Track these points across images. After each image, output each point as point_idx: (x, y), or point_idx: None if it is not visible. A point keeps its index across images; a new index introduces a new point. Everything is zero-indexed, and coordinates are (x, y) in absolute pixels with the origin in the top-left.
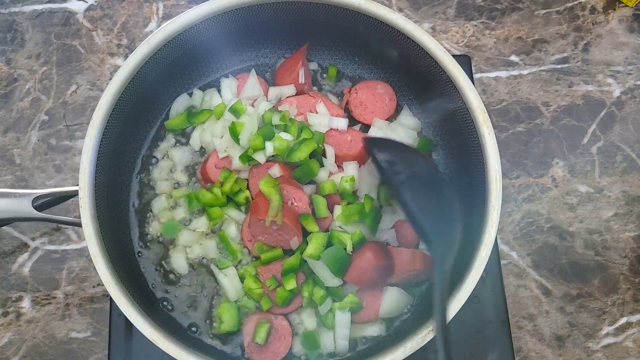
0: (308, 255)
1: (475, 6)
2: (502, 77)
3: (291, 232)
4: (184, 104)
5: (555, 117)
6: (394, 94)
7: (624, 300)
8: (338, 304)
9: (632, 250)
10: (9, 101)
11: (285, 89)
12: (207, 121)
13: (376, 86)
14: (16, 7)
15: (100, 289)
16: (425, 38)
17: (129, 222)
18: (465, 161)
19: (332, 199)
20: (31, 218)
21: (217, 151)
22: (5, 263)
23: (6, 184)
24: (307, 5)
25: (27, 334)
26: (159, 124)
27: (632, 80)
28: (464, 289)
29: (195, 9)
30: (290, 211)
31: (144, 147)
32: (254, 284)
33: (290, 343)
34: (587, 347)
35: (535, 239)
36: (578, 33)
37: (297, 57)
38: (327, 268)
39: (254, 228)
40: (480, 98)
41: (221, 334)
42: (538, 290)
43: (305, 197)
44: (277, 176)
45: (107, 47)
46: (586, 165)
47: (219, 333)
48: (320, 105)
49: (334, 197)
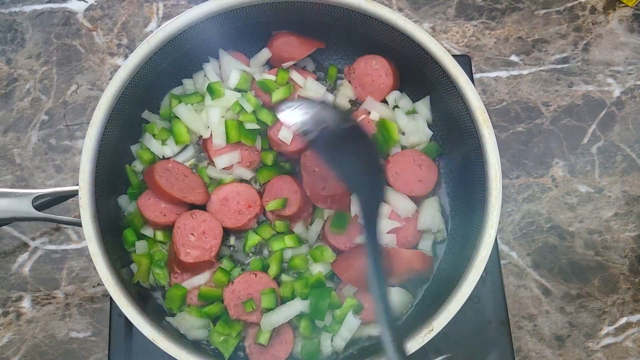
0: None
1: (475, 6)
2: (502, 77)
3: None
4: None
5: (555, 117)
6: (390, 68)
7: (624, 300)
8: (339, 311)
9: (632, 250)
10: (9, 101)
11: (263, 53)
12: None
13: (371, 62)
14: (16, 7)
15: (100, 289)
16: (425, 38)
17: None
18: (465, 161)
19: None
20: (31, 218)
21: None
22: (5, 263)
23: (6, 183)
24: (307, 5)
25: (27, 334)
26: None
27: (632, 80)
28: (464, 289)
29: (195, 9)
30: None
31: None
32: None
33: (291, 348)
34: (587, 347)
35: (535, 239)
36: (578, 33)
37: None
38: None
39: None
40: (480, 98)
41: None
42: (538, 290)
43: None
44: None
45: (107, 47)
46: (586, 165)
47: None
48: (309, 80)
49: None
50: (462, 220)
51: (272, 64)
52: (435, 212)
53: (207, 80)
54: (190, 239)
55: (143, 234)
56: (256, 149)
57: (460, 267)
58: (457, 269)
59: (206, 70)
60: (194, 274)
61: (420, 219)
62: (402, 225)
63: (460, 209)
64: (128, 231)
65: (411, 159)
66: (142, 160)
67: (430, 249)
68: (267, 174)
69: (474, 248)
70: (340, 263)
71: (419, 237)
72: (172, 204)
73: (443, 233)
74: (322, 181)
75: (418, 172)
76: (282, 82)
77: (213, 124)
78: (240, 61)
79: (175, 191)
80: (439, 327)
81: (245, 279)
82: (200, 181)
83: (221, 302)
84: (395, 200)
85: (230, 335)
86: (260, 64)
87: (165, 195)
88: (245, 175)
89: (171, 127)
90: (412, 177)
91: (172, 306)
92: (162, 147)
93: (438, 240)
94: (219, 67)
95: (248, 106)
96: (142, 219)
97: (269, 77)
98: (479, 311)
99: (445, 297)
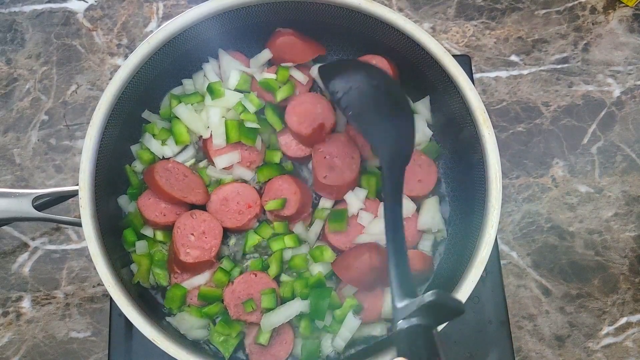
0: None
1: (475, 6)
2: (502, 77)
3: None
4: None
5: (555, 117)
6: (390, 68)
7: (624, 300)
8: (339, 311)
9: (632, 250)
10: (9, 101)
11: (263, 54)
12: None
13: (371, 62)
14: (16, 7)
15: (100, 289)
16: (425, 38)
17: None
18: (465, 161)
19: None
20: (31, 218)
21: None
22: (5, 263)
23: (6, 183)
24: (307, 5)
25: (27, 334)
26: None
27: (632, 80)
28: (464, 289)
29: (195, 9)
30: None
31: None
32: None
33: (291, 348)
34: (587, 347)
35: (535, 239)
36: (578, 33)
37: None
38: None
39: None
40: (480, 98)
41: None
42: (538, 290)
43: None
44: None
45: (107, 47)
46: (586, 165)
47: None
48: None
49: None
50: (462, 220)
51: (271, 62)
52: (435, 212)
53: (207, 80)
54: (190, 239)
55: (143, 234)
56: (256, 149)
57: (460, 267)
58: (457, 269)
59: (206, 71)
60: (194, 274)
61: (420, 219)
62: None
63: (460, 209)
64: (128, 231)
65: (411, 159)
66: (142, 160)
67: (430, 249)
68: (267, 174)
69: (474, 248)
70: (340, 263)
71: (419, 237)
72: (172, 204)
73: (443, 233)
74: (327, 169)
75: (418, 172)
76: (283, 79)
77: (213, 124)
78: (240, 61)
79: (175, 191)
80: (439, 327)
81: (245, 279)
82: (200, 181)
83: (221, 302)
84: None
85: (230, 335)
86: (260, 65)
87: (165, 195)
88: (245, 175)
89: (171, 127)
90: (412, 177)
91: (172, 306)
92: (162, 147)
93: (438, 240)
94: (219, 67)
95: (251, 107)
96: (142, 219)
97: (270, 76)
98: (479, 311)
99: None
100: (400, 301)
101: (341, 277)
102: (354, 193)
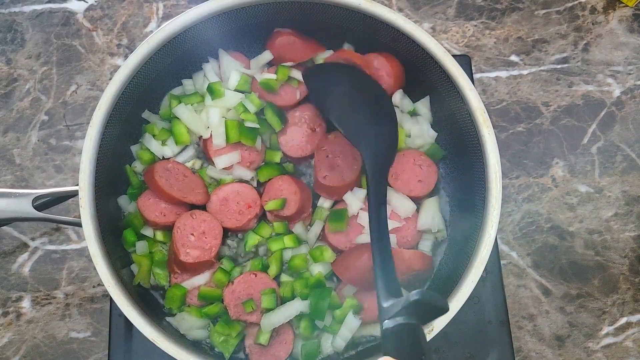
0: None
1: (475, 6)
2: (502, 77)
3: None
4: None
5: (555, 117)
6: (392, 67)
7: (624, 300)
8: (339, 311)
9: (632, 250)
10: (9, 101)
11: (264, 55)
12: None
13: (373, 62)
14: (16, 7)
15: (100, 289)
16: (425, 38)
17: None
18: (465, 161)
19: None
20: (31, 218)
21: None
22: (5, 263)
23: (6, 184)
24: (307, 5)
25: (27, 334)
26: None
27: (632, 80)
28: (464, 289)
29: (195, 9)
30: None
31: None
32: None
33: (291, 349)
34: (587, 347)
35: (535, 239)
36: (578, 33)
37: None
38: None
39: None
40: (480, 98)
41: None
42: (538, 290)
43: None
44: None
45: (107, 47)
46: (586, 165)
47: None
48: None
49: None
50: (462, 220)
51: (271, 62)
52: (435, 212)
53: (207, 80)
54: (190, 239)
55: (143, 234)
56: (256, 149)
57: (460, 267)
58: (457, 269)
59: (206, 71)
60: (194, 274)
61: (420, 219)
62: (402, 225)
63: (460, 209)
64: (128, 231)
65: (411, 159)
66: (142, 161)
67: (430, 249)
68: (267, 173)
69: (474, 248)
70: (340, 263)
71: (419, 237)
72: (172, 204)
73: (443, 233)
74: (328, 169)
75: (418, 173)
76: (283, 78)
77: (213, 124)
78: (240, 61)
79: (175, 191)
80: (439, 327)
81: (245, 279)
82: (200, 181)
83: (221, 302)
84: (395, 200)
85: (230, 335)
86: (260, 65)
87: (165, 195)
88: (245, 175)
89: (171, 128)
90: (412, 178)
91: (172, 306)
92: (162, 148)
93: (438, 240)
94: (219, 68)
95: (252, 107)
96: (142, 219)
97: (270, 76)
98: (479, 311)
99: (445, 297)
100: (385, 301)
101: (341, 277)
102: (354, 193)
